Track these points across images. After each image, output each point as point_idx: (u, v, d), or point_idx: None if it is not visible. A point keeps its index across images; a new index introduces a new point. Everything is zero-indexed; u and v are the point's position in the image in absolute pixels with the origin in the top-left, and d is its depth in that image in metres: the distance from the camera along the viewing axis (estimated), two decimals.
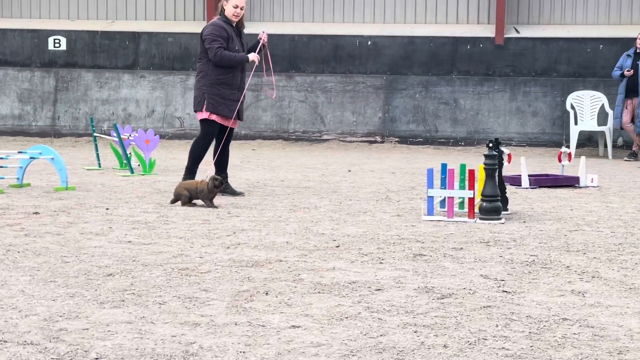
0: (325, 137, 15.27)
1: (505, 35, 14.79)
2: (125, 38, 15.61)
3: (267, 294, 4.68)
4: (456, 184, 7.58)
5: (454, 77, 14.94)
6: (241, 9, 8.43)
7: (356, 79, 15.20)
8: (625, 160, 13.23)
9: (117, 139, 10.73)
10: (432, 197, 7.42)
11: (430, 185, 7.43)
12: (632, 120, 13.38)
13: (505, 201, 7.69)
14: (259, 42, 8.66)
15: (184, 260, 5.51)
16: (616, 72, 13.44)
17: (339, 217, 7.38)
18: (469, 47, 14.92)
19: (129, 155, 10.69)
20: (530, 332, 4.02)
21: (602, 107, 14.12)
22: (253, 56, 8.54)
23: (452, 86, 14.93)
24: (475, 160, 12.04)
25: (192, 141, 9.22)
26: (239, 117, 8.61)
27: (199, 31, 15.40)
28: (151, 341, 3.80)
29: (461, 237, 6.52)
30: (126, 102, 15.56)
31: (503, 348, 3.78)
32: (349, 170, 11.23)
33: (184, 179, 8.47)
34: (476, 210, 7.38)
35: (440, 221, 7.25)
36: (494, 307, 4.46)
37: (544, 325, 4.13)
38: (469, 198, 7.37)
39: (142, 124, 15.33)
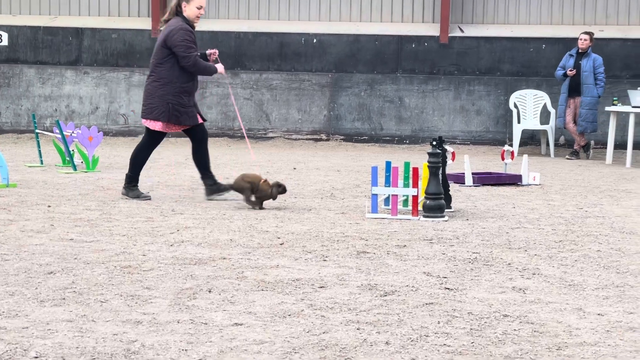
0: (270, 134, 15.24)
1: (450, 34, 14.90)
2: (69, 34, 15.41)
3: (210, 291, 4.66)
4: (400, 182, 7.62)
5: (398, 75, 15.01)
6: (203, 9, 8.15)
7: (302, 77, 15.20)
8: (567, 159, 13.42)
9: (59, 136, 10.59)
10: (376, 194, 7.45)
11: (374, 183, 7.46)
12: (574, 120, 13.57)
13: (448, 199, 7.75)
14: (208, 58, 8.34)
15: (127, 258, 5.47)
16: (559, 72, 13.61)
17: (284, 215, 7.37)
18: (413, 45, 15.01)
19: (71, 152, 10.57)
20: (471, 329, 4.06)
21: (545, 106, 14.30)
22: (221, 69, 8.30)
23: (397, 84, 15.01)
24: (420, 158, 12.12)
25: (138, 140, 8.88)
26: (203, 117, 8.32)
27: (144, 27, 15.36)
28: (92, 339, 3.76)
29: (405, 234, 6.56)
30: (69, 98, 15.37)
31: (444, 344, 3.81)
32: (294, 168, 11.23)
33: (127, 187, 8.10)
34: (420, 207, 7.43)
35: (384, 219, 7.28)
36: (436, 304, 4.49)
37: (485, 322, 4.17)
38: (413, 196, 7.42)
39: (86, 120, 15.15)
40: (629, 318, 4.28)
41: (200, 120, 8.20)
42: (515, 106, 14.27)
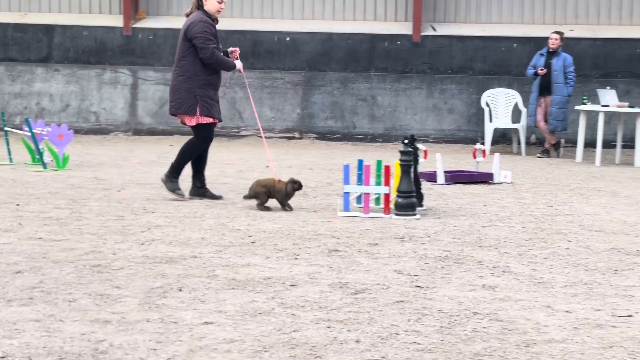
0: (243, 132, 15.21)
1: (423, 33, 14.94)
2: (39, 31, 15.30)
3: (180, 290, 4.64)
4: (372, 180, 7.63)
5: (371, 74, 15.03)
6: (224, 3, 8.10)
7: (275, 75, 15.18)
8: (538, 157, 13.49)
9: (29, 134, 10.51)
10: (348, 193, 7.46)
11: (346, 181, 7.47)
12: (545, 119, 13.64)
13: (420, 197, 7.77)
14: (229, 56, 8.31)
15: (96, 257, 5.43)
16: (530, 71, 13.68)
17: (256, 213, 7.36)
18: (386, 44, 15.03)
19: (41, 150, 10.49)
20: (441, 327, 4.07)
21: (516, 105, 14.37)
22: (239, 65, 8.27)
23: (369, 83, 15.02)
24: (393, 156, 12.13)
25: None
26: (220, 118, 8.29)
27: (115, 25, 15.27)
28: (59, 339, 3.74)
29: (376, 232, 6.57)
30: (39, 96, 15.26)
31: (414, 342, 3.82)
32: (267, 167, 11.21)
33: (169, 176, 8.02)
34: (392, 206, 7.44)
35: (356, 217, 7.29)
36: (407, 302, 4.50)
37: (455, 320, 4.19)
38: (385, 194, 7.43)
39: (57, 118, 15.05)
40: (596, 315, 4.31)
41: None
42: (487, 105, 14.33)
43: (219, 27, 8.35)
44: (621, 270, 5.38)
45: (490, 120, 14.21)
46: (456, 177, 9.97)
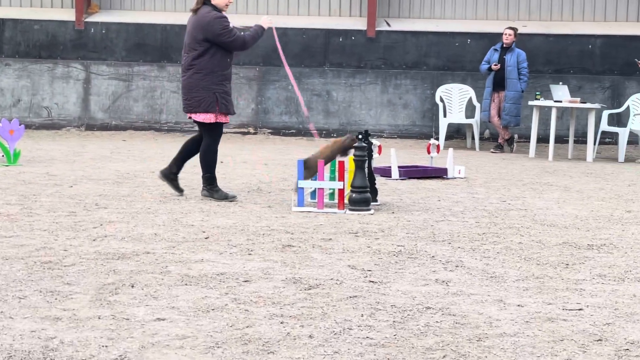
0: (197, 128, 15.12)
1: (377, 28, 14.97)
2: None
3: (133, 286, 4.60)
4: (326, 176, 7.63)
5: (326, 69, 15.04)
6: None
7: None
8: (492, 152, 13.60)
9: None
10: (303, 188, 7.45)
11: (300, 176, 7.46)
12: (499, 114, 13.75)
13: (374, 192, 7.79)
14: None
15: (47, 253, 5.37)
16: (483, 66, 13.78)
17: (209, 209, 7.33)
18: (341, 39, 15.04)
19: None
20: (394, 321, 4.08)
21: (470, 100, 14.46)
22: (266, 21, 8.05)
23: (324, 78, 15.03)
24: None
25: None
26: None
27: (68, 19, 15.09)
28: (9, 337, 3.69)
29: (330, 228, 6.57)
30: None
31: (367, 337, 3.82)
32: (222, 162, 11.16)
33: (210, 189, 7.84)
34: (346, 201, 7.45)
35: (311, 212, 7.29)
36: (360, 297, 4.50)
37: (408, 314, 4.20)
38: (339, 189, 7.43)
39: (7, 113, 14.85)
40: (547, 309, 4.35)
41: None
42: (441, 100, 14.41)
43: (169, 21, 8.30)
44: (572, 264, 5.44)
45: (445, 116, 14.29)
46: (410, 172, 10.01)
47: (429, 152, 10.45)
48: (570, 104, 12.96)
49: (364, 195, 7.35)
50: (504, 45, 13.66)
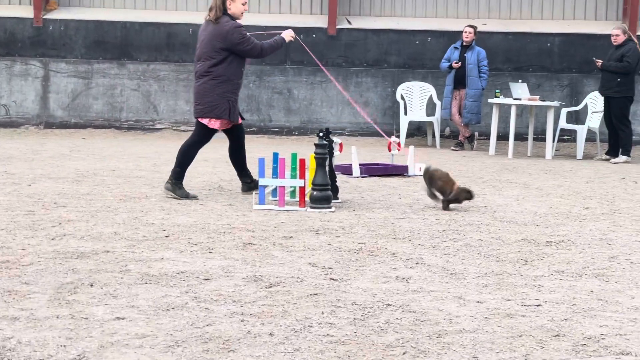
0: (158, 126, 15.05)
1: (338, 26, 14.99)
2: None
3: (92, 285, 4.57)
4: (287, 173, 7.63)
5: (287, 67, 15.03)
6: (247, 4, 8.10)
7: (190, 68, 15.04)
8: (452, 150, 13.67)
9: None
10: (264, 186, 7.44)
11: (261, 174, 7.45)
12: (460, 112, 13.83)
13: (335, 190, 7.80)
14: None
15: (5, 253, 5.31)
16: (444, 64, 13.85)
17: (170, 207, 7.29)
18: (301, 37, 15.01)
19: None
20: (354, 319, 4.09)
21: (431, 98, 14.53)
22: (288, 34, 8.27)
23: (285, 76, 15.01)
24: (308, 149, 12.15)
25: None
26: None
27: (26, 16, 14.92)
28: None
29: (291, 225, 6.57)
30: None
31: (328, 335, 3.83)
32: None
33: (173, 184, 7.86)
34: (307, 199, 7.45)
35: (272, 210, 7.28)
36: (321, 295, 4.51)
37: (369, 311, 4.22)
38: (300, 187, 7.43)
39: None
40: (506, 305, 4.38)
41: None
42: (402, 98, 14.46)
43: (129, 18, 8.25)
44: (531, 261, 5.49)
45: (405, 114, 14.34)
46: (371, 170, 10.04)
47: (389, 150, 10.48)
48: (529, 102, 13.07)
49: (325, 193, 7.36)
50: (464, 44, 13.73)
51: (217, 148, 12.97)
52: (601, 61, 12.77)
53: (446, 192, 7.53)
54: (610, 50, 13.01)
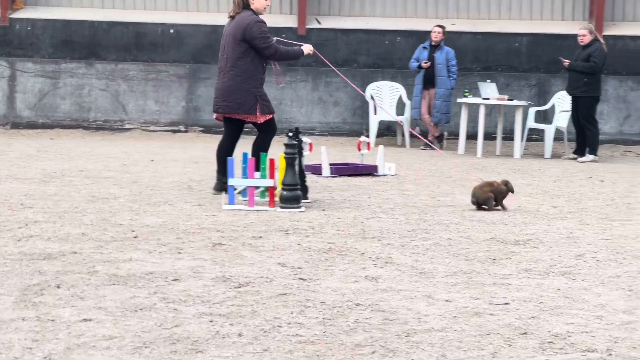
0: (127, 126, 14.97)
1: (307, 26, 14.99)
2: None
3: (58, 287, 4.53)
4: (257, 173, 7.61)
5: None
6: (269, 0, 8.17)
7: (159, 68, 14.99)
8: (422, 150, 13.71)
9: None
10: (233, 186, 7.42)
11: (230, 174, 7.43)
12: (429, 111, 13.87)
13: (305, 190, 7.80)
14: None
15: None
16: (413, 64, 13.89)
17: (139, 208, 7.25)
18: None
19: None
20: (324, 318, 4.09)
21: (400, 97, 14.56)
22: (308, 48, 8.31)
23: None
24: (278, 149, 12.14)
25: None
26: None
27: None
28: None
29: (261, 225, 6.56)
30: None
31: (297, 335, 3.83)
32: (152, 160, 11.07)
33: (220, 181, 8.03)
34: (276, 199, 7.44)
35: (241, 210, 7.27)
36: (290, 295, 4.51)
37: (338, 311, 4.22)
38: (270, 187, 7.42)
39: None
40: (475, 304, 4.40)
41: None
42: (372, 97, 14.48)
43: (97, 17, 8.19)
44: (499, 260, 5.52)
45: (375, 113, 14.37)
46: (341, 170, 10.05)
47: (359, 150, 10.49)
48: (498, 102, 13.14)
49: (294, 193, 7.35)
50: (433, 43, 13.78)
51: (187, 148, 12.92)
52: (568, 61, 12.87)
53: (485, 199, 7.57)
54: (577, 50, 13.11)
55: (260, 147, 8.13)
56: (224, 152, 8.23)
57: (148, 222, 6.55)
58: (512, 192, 7.70)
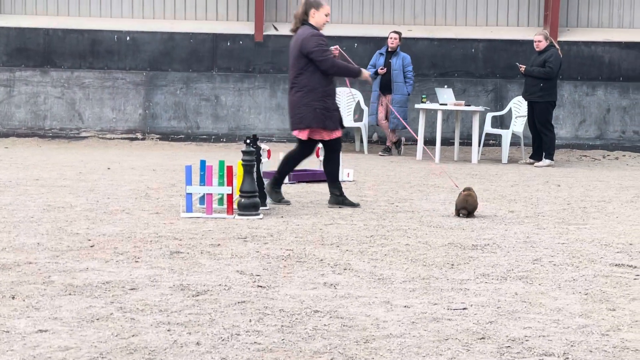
0: (84, 134, 14.85)
1: (265, 33, 14.98)
2: None
3: (13, 298, 4.47)
4: (215, 181, 7.58)
5: (214, 73, 14.96)
6: (329, 16, 8.17)
7: (115, 75, 14.89)
8: (380, 155, 13.76)
9: None
10: (191, 193, 7.39)
11: (188, 182, 7.40)
12: (386, 117, 13.92)
13: (263, 197, 7.78)
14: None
15: None
16: (370, 70, 13.94)
17: (95, 216, 7.19)
18: (229, 43, 14.99)
19: None
20: (282, 326, 4.07)
21: (358, 103, 14.60)
22: (367, 73, 8.31)
23: (212, 83, 14.95)
24: (237, 156, 12.11)
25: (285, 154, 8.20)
26: (342, 125, 8.19)
27: None
28: None
29: (219, 233, 6.53)
30: None
31: (255, 342, 3.81)
32: (108, 168, 10.99)
33: (272, 189, 8.01)
34: (235, 206, 7.42)
35: (199, 218, 7.23)
36: (248, 302, 4.49)
37: (296, 318, 4.21)
38: (228, 194, 7.40)
39: None
40: (433, 309, 4.42)
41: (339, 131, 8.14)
42: None
43: (52, 25, 8.11)
44: (457, 265, 5.54)
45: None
46: (300, 176, 10.04)
47: (318, 156, 10.50)
48: (455, 107, 13.23)
49: (252, 200, 7.33)
50: (389, 49, 13.84)
51: (144, 156, 12.84)
52: (524, 67, 13.00)
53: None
54: (533, 55, 13.25)
55: (331, 172, 8.08)
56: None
57: (105, 231, 6.49)
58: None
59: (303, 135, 8.03)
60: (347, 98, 14.62)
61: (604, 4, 15.30)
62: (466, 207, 7.53)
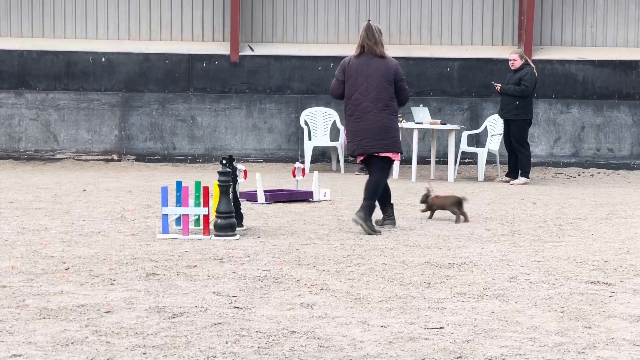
0: (59, 156, 14.77)
1: (240, 53, 14.99)
2: None
3: None
4: (191, 202, 7.56)
5: (190, 94, 14.95)
6: None
7: (90, 97, 14.84)
8: (357, 175, 13.77)
9: None
10: (167, 215, 7.36)
11: (164, 203, 7.37)
12: None
13: (240, 217, 7.76)
14: None
15: None
16: None
17: (71, 239, 7.14)
18: (204, 64, 14.99)
19: None
20: (259, 347, 4.06)
21: (334, 123, 14.63)
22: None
23: (188, 103, 14.93)
24: (213, 177, 12.07)
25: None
26: None
27: None
28: None
29: (196, 254, 6.50)
30: None
31: None
32: (84, 190, 10.93)
33: (362, 216, 7.81)
34: (211, 227, 7.39)
35: (176, 239, 7.20)
36: (225, 324, 4.46)
37: (273, 339, 4.19)
38: (204, 215, 7.37)
39: None
40: (410, 328, 4.41)
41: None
42: (306, 124, 14.52)
43: (26, 47, 8.06)
44: (434, 284, 5.54)
45: (310, 139, 14.41)
46: (276, 196, 10.03)
47: (294, 176, 10.50)
48: (431, 126, 13.28)
49: (229, 221, 7.31)
50: None
51: (120, 177, 12.79)
52: (500, 85, 13.08)
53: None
54: (508, 74, 13.33)
55: (377, 187, 8.08)
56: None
57: (80, 254, 6.45)
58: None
59: (398, 157, 8.25)
60: (323, 117, 14.65)
61: (577, 22, 15.45)
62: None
